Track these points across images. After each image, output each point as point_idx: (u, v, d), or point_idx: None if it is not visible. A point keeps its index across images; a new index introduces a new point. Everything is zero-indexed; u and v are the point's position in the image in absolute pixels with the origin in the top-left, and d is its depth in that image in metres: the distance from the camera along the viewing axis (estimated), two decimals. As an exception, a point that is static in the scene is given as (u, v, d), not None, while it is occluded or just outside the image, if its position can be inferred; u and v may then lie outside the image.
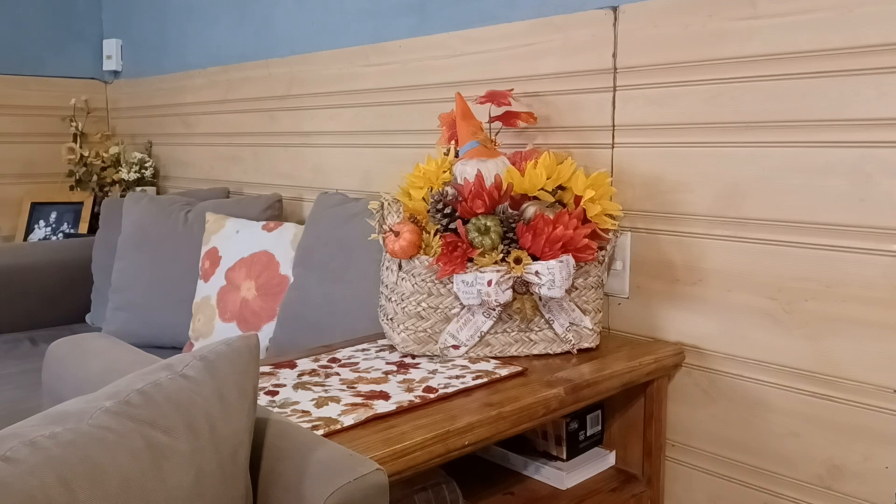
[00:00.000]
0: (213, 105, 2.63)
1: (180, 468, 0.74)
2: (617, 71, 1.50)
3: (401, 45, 1.94)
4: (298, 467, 0.83)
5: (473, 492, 1.32)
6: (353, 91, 2.08)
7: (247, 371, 0.85)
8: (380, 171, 2.03)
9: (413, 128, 1.92)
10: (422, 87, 1.89)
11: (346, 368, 1.26)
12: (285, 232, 1.99)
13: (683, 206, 1.42)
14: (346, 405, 1.08)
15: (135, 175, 2.84)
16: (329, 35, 2.17)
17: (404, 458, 0.95)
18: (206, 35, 2.68)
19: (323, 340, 1.58)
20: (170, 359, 0.85)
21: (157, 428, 0.75)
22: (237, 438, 0.81)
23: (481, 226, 1.29)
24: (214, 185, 2.64)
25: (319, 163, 2.24)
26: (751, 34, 1.30)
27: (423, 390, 1.14)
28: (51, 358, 1.18)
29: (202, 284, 2.05)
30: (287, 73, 2.30)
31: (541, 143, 1.61)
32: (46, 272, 2.53)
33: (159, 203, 2.35)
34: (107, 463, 0.70)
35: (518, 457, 1.43)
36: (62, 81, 3.06)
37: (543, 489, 1.37)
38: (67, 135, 3.00)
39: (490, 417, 1.06)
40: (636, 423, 1.46)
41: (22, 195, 2.98)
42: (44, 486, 0.65)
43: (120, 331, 2.15)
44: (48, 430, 0.70)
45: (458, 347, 1.31)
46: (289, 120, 2.33)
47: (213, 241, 2.08)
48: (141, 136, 3.03)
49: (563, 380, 1.21)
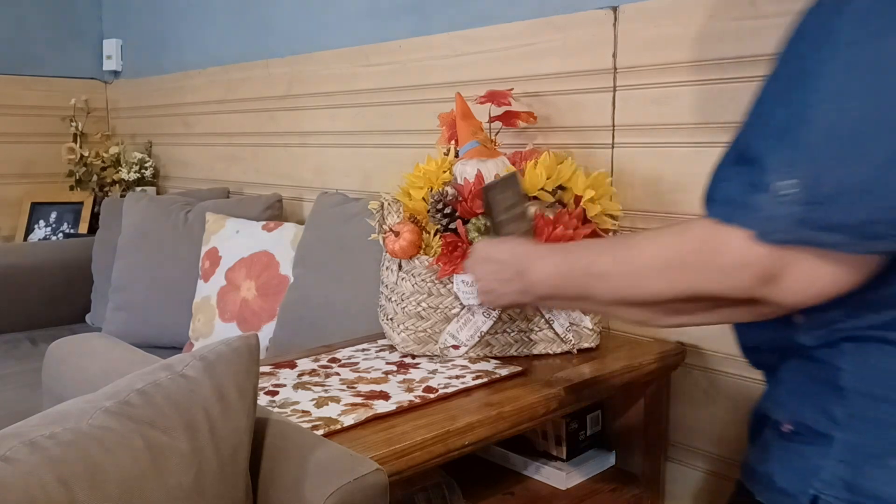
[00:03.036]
0: (212, 105, 2.63)
1: (180, 468, 0.74)
2: (617, 71, 1.49)
3: (401, 45, 1.94)
4: (298, 467, 0.83)
5: (473, 492, 1.32)
6: (353, 91, 2.08)
7: (247, 371, 0.85)
8: (380, 171, 2.03)
9: (413, 128, 1.92)
10: (422, 87, 1.88)
11: (346, 368, 1.26)
12: (285, 232, 1.99)
13: (683, 206, 1.42)
14: (346, 405, 1.08)
15: (135, 175, 2.84)
16: (329, 35, 2.17)
17: (404, 458, 0.95)
18: (205, 35, 2.68)
19: (323, 340, 1.58)
20: (170, 359, 0.85)
21: (156, 428, 0.75)
22: (237, 438, 0.81)
23: (481, 226, 1.29)
24: (214, 185, 2.64)
25: (319, 163, 2.24)
26: (751, 34, 1.30)
27: (423, 390, 1.14)
28: (51, 358, 1.18)
29: (202, 284, 2.05)
30: (287, 73, 2.30)
31: (541, 143, 1.61)
32: (46, 272, 2.53)
33: (159, 203, 2.35)
34: (106, 463, 0.70)
35: (518, 457, 1.43)
36: (62, 81, 3.06)
37: (543, 489, 1.36)
38: (67, 135, 3.00)
39: (490, 417, 1.06)
40: (636, 423, 1.46)
41: (22, 195, 2.98)
42: (43, 486, 0.65)
43: (120, 331, 2.15)
44: (48, 430, 0.70)
45: (458, 347, 1.31)
46: (289, 120, 2.32)
47: (213, 241, 2.08)
48: (141, 136, 3.03)
49: (563, 380, 1.20)
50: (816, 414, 0.70)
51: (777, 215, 0.62)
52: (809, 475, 0.69)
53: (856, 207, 0.60)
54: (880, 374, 0.66)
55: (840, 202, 0.60)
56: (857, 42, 0.61)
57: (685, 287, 0.72)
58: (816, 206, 0.61)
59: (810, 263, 0.63)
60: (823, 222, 0.61)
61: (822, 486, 0.68)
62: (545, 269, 0.86)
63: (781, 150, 0.63)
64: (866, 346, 0.67)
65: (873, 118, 0.59)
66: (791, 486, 0.71)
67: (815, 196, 0.61)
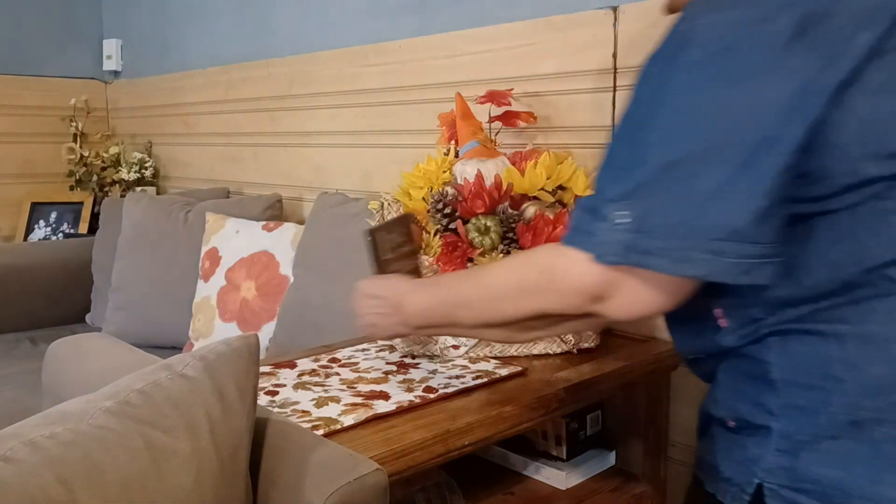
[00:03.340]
0: (213, 105, 2.63)
1: (180, 468, 0.74)
2: (617, 71, 1.49)
3: (401, 45, 1.94)
4: (298, 467, 0.83)
5: (473, 492, 1.32)
6: (354, 91, 2.08)
7: (247, 371, 0.85)
8: (380, 171, 2.03)
9: (413, 128, 1.92)
10: (422, 87, 1.88)
11: (346, 368, 1.26)
12: (285, 232, 1.99)
13: (683, 206, 1.42)
14: (346, 405, 1.08)
15: (135, 175, 2.84)
16: (329, 35, 2.17)
17: (404, 458, 0.95)
18: (206, 35, 2.68)
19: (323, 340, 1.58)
20: (170, 359, 0.85)
21: (156, 428, 0.75)
22: (237, 438, 0.81)
23: (481, 226, 1.29)
24: (214, 185, 2.63)
25: (319, 163, 2.24)
26: (751, 34, 1.29)
27: (423, 390, 1.14)
28: (51, 358, 1.18)
29: (202, 284, 2.05)
30: (287, 72, 2.30)
31: (541, 143, 1.61)
32: (46, 272, 2.53)
33: (159, 203, 2.35)
34: (106, 463, 0.70)
35: (518, 457, 1.43)
36: (62, 81, 3.06)
37: (543, 489, 1.36)
38: (67, 135, 2.99)
39: (490, 417, 1.06)
40: (636, 423, 1.46)
41: (22, 195, 2.98)
42: (43, 486, 0.65)
43: (120, 331, 2.15)
44: (48, 430, 0.70)
45: (458, 347, 1.31)
46: (289, 120, 2.32)
47: (213, 241, 2.08)
48: (141, 136, 3.02)
49: (563, 380, 1.20)
50: (753, 408, 0.75)
51: (610, 241, 0.71)
52: (752, 465, 0.74)
53: (677, 237, 0.68)
54: (805, 363, 0.71)
55: (664, 233, 0.68)
56: (685, 91, 0.69)
57: (534, 307, 0.83)
58: (644, 234, 0.69)
59: (636, 284, 0.72)
60: (649, 248, 0.69)
61: (765, 474, 0.73)
62: (417, 302, 0.95)
63: (621, 185, 0.71)
64: (789, 338, 0.72)
65: (694, 162, 0.68)
66: (736, 476, 0.75)
67: (644, 226, 0.69)
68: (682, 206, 0.68)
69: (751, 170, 0.66)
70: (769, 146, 0.65)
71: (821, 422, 0.70)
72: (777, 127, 0.66)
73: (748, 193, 0.66)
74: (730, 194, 0.66)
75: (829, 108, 0.66)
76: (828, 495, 0.70)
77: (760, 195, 0.65)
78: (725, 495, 0.77)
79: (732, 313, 0.75)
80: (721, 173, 0.66)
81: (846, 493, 0.69)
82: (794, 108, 0.65)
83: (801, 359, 0.71)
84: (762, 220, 0.66)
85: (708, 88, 0.68)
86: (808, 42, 0.65)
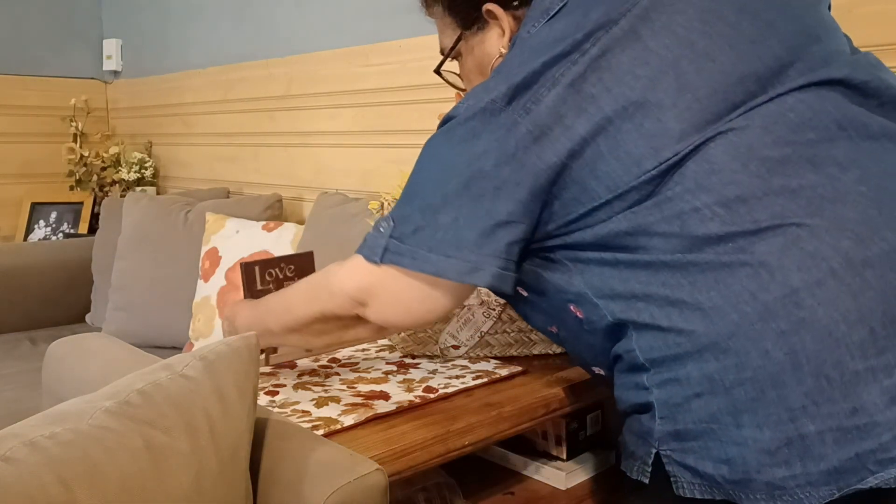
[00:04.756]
0: (212, 105, 2.63)
1: (180, 468, 0.74)
2: (617, 71, 1.49)
3: (401, 45, 1.94)
4: (298, 467, 0.83)
5: (473, 492, 1.32)
6: (353, 91, 2.08)
7: (247, 371, 0.85)
8: (380, 171, 2.03)
9: (413, 128, 1.92)
10: (422, 87, 1.88)
11: (346, 368, 1.26)
12: (285, 232, 1.99)
13: (683, 205, 1.41)
14: (346, 405, 1.08)
15: (135, 175, 2.84)
16: (329, 35, 2.17)
17: (404, 458, 0.95)
18: (206, 35, 2.68)
19: (323, 340, 1.58)
20: (170, 359, 0.85)
21: (156, 428, 0.75)
22: (237, 438, 0.81)
23: (481, 226, 1.29)
24: (214, 185, 2.64)
25: (319, 163, 2.24)
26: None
27: (423, 390, 1.14)
28: (51, 358, 1.18)
29: (202, 284, 2.05)
30: (287, 73, 2.30)
31: (541, 143, 1.61)
32: (46, 272, 2.53)
33: (159, 203, 2.35)
34: (106, 463, 0.70)
35: (518, 457, 1.43)
36: (62, 81, 3.06)
37: (543, 489, 1.36)
38: (67, 135, 3.00)
39: (490, 417, 1.06)
40: (636, 423, 1.45)
41: (22, 195, 2.98)
42: (43, 487, 0.65)
43: (120, 331, 2.15)
44: (48, 430, 0.70)
45: (458, 347, 1.31)
46: (288, 120, 2.33)
47: (213, 241, 2.09)
48: (141, 136, 3.03)
49: (563, 380, 1.20)
50: (637, 391, 0.84)
51: (376, 244, 0.90)
52: (647, 437, 0.82)
53: (417, 240, 0.87)
54: (656, 343, 0.81)
55: (409, 237, 0.88)
56: (424, 153, 0.93)
57: (315, 309, 1.00)
58: (397, 238, 0.88)
59: (393, 285, 0.91)
60: (400, 249, 0.88)
61: (658, 443, 0.81)
62: (244, 316, 1.14)
63: (396, 206, 0.92)
64: (639, 326, 0.82)
65: (421, 191, 0.90)
66: (638, 450, 0.84)
67: (396, 232, 0.89)
68: (416, 218, 0.87)
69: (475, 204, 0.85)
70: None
71: (683, 385, 0.79)
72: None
73: (473, 218, 0.85)
74: (461, 218, 0.86)
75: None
76: (707, 447, 0.77)
77: (483, 218, 0.84)
78: (632, 470, 0.85)
79: (580, 302, 0.87)
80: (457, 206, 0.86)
81: (720, 441, 0.76)
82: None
83: (652, 340, 0.81)
84: (485, 237, 0.84)
85: (435, 150, 0.92)
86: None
